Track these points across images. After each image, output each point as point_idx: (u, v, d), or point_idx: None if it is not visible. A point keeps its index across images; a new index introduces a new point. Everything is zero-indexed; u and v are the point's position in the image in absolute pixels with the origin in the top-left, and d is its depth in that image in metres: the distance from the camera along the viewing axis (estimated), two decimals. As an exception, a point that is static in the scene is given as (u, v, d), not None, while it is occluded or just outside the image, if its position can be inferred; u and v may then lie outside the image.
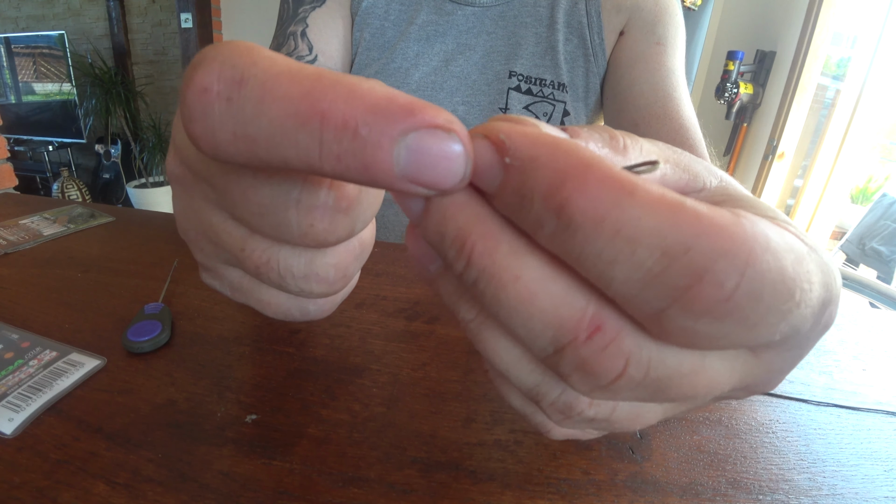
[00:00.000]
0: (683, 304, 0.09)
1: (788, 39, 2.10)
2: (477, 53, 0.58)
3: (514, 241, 0.11)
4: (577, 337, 0.11)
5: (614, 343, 0.11)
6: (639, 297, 0.10)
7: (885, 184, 2.53)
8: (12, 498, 0.21)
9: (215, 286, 0.19)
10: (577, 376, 0.11)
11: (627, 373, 0.11)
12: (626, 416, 0.14)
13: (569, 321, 0.11)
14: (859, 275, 1.07)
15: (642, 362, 0.11)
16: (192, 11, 2.83)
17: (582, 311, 0.11)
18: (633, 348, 0.11)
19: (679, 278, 0.09)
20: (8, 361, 0.28)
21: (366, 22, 0.58)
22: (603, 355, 0.11)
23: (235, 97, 0.10)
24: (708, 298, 0.09)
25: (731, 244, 0.09)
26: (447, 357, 0.31)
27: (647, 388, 0.11)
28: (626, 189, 0.09)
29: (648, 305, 0.10)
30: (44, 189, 3.17)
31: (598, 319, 0.11)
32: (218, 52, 0.11)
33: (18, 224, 0.48)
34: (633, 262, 0.09)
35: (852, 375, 0.33)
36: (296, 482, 0.22)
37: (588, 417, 0.13)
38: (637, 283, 0.09)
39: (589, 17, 0.56)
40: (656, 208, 0.09)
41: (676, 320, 0.09)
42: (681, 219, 0.09)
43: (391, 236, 0.61)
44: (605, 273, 0.10)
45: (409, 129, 0.10)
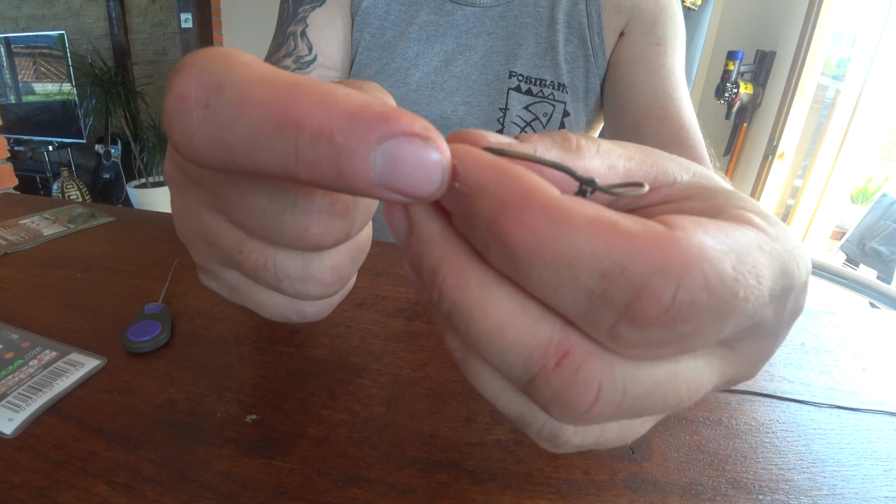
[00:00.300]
0: (630, 319, 0.10)
1: (788, 39, 2.10)
2: (477, 54, 0.58)
3: (483, 274, 0.11)
4: (546, 364, 0.11)
5: (584, 366, 0.11)
6: (588, 316, 0.10)
7: (885, 184, 2.53)
8: (12, 498, 0.21)
9: (213, 288, 0.19)
10: (554, 406, 0.11)
11: (602, 396, 0.11)
12: (615, 436, 0.14)
13: (537, 349, 0.11)
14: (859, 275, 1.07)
15: (616, 383, 0.11)
16: (192, 11, 2.83)
17: (548, 338, 0.11)
18: (603, 370, 0.11)
19: (620, 296, 0.09)
20: (8, 361, 0.28)
21: (366, 22, 0.58)
22: (575, 380, 0.11)
23: (213, 103, 0.11)
24: (649, 312, 0.09)
25: (663, 259, 0.09)
26: (447, 357, 0.31)
27: (629, 408, 0.11)
28: (563, 216, 0.10)
29: (599, 323, 0.10)
30: (44, 189, 3.17)
31: (565, 345, 0.11)
32: (196, 60, 0.11)
33: (18, 224, 0.48)
34: (576, 284, 0.10)
35: (852, 375, 0.33)
36: (296, 482, 0.22)
37: (576, 444, 0.13)
38: (584, 304, 0.10)
39: (589, 17, 0.56)
40: (590, 232, 0.09)
41: (628, 334, 0.10)
42: (614, 240, 0.09)
43: (390, 236, 0.61)
44: (553, 296, 0.10)
45: (386, 137, 0.10)
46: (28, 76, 3.11)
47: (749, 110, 2.28)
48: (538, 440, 0.14)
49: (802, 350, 0.36)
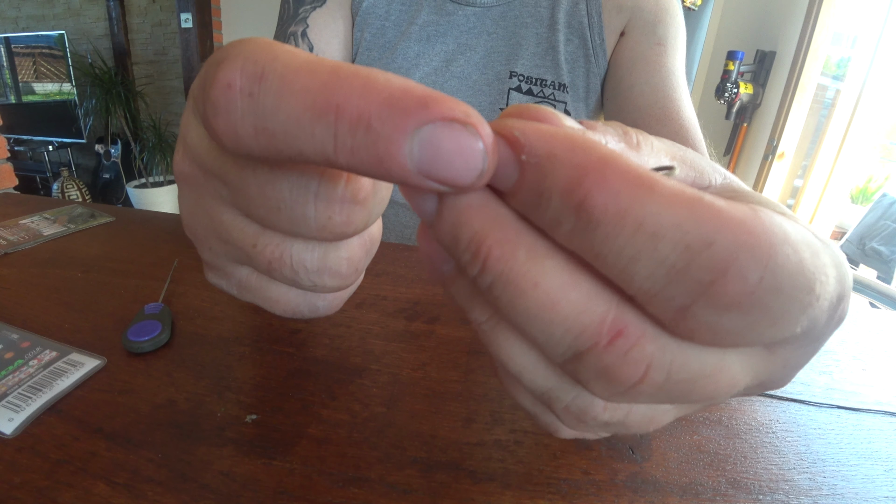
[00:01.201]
0: (708, 299, 0.09)
1: (788, 39, 2.10)
2: (478, 54, 0.58)
3: (533, 245, 0.11)
4: (598, 342, 0.10)
5: (636, 347, 0.10)
6: (662, 293, 0.09)
7: (885, 184, 2.53)
8: (12, 498, 0.21)
9: (221, 285, 0.19)
10: (596, 382, 0.11)
11: (649, 377, 0.11)
12: (640, 418, 0.14)
13: (590, 327, 0.10)
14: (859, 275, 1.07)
15: (664, 366, 0.11)
16: (192, 11, 2.83)
17: (603, 315, 0.10)
18: (655, 352, 0.10)
19: (703, 273, 0.09)
20: (8, 361, 0.28)
21: (366, 22, 0.58)
22: (625, 360, 0.10)
23: (256, 92, 0.11)
24: (733, 292, 0.09)
25: (752, 237, 0.09)
26: (447, 357, 0.31)
27: (668, 391, 0.11)
28: (646, 184, 0.09)
29: (672, 302, 0.09)
30: (44, 189, 3.17)
31: (619, 323, 0.10)
32: (241, 49, 0.11)
33: (18, 224, 0.48)
34: (656, 257, 0.09)
35: (852, 375, 0.33)
36: (296, 482, 0.22)
37: (602, 421, 0.13)
38: (660, 280, 0.09)
39: (590, 17, 0.56)
40: (677, 203, 0.09)
41: (702, 316, 0.09)
42: (701, 213, 0.09)
43: (391, 236, 0.61)
44: (627, 270, 0.10)
45: (423, 123, 0.09)
46: (28, 76, 3.11)
47: (749, 110, 2.28)
48: (563, 416, 0.14)
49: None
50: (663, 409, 0.14)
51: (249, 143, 0.11)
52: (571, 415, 0.13)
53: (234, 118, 0.11)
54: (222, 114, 0.11)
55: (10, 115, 3.07)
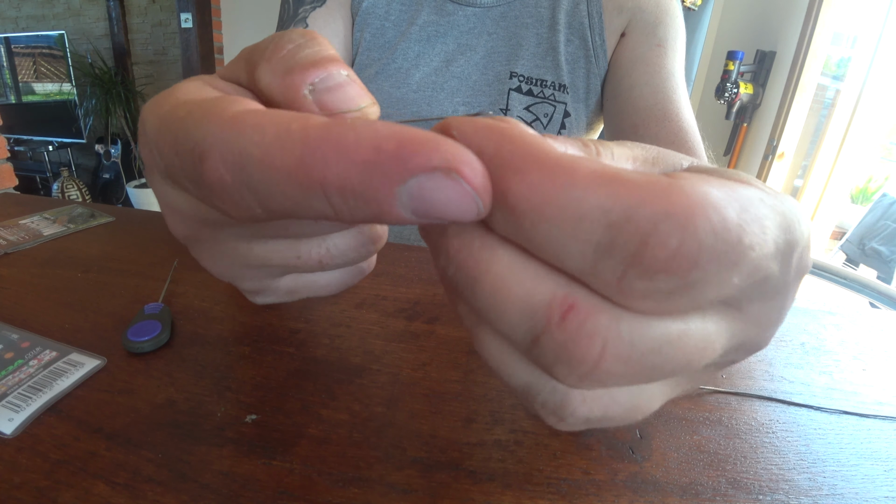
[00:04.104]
0: (637, 268, 0.10)
1: (788, 39, 2.10)
2: (478, 54, 0.58)
3: (486, 237, 0.11)
4: (550, 320, 0.11)
5: (589, 321, 0.11)
6: (595, 270, 0.10)
7: (885, 184, 2.53)
8: (12, 498, 0.21)
9: (271, 301, 0.20)
10: (559, 365, 0.11)
11: (608, 351, 0.11)
12: (623, 409, 0.13)
13: (540, 306, 0.11)
14: (859, 275, 1.07)
15: (623, 336, 0.11)
16: (192, 11, 2.83)
17: (552, 294, 0.11)
18: (609, 323, 0.11)
19: (627, 245, 0.09)
20: (8, 361, 0.28)
21: (366, 22, 0.58)
22: (579, 335, 0.11)
23: (246, 180, 0.11)
24: (658, 258, 0.09)
25: (669, 206, 0.09)
26: (447, 357, 0.31)
27: (637, 366, 0.11)
28: (566, 171, 0.10)
29: (607, 275, 0.10)
30: (44, 189, 3.17)
31: (568, 300, 0.11)
32: (214, 140, 0.11)
33: (18, 224, 0.48)
34: (582, 239, 0.10)
35: (852, 375, 0.33)
36: (296, 482, 0.22)
37: (583, 417, 0.13)
38: (591, 258, 0.10)
39: (591, 18, 0.56)
40: (595, 184, 0.09)
41: (638, 285, 0.10)
42: (620, 190, 0.09)
43: (391, 236, 0.61)
44: (559, 254, 0.10)
45: (405, 178, 0.09)
46: (28, 76, 3.11)
47: (749, 110, 2.28)
48: (544, 414, 0.14)
49: (802, 350, 0.36)
50: (647, 394, 0.13)
51: (260, 215, 0.12)
52: (549, 410, 0.13)
53: (237, 202, 0.11)
54: (226, 200, 0.11)
55: (10, 115, 3.07)
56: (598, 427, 0.14)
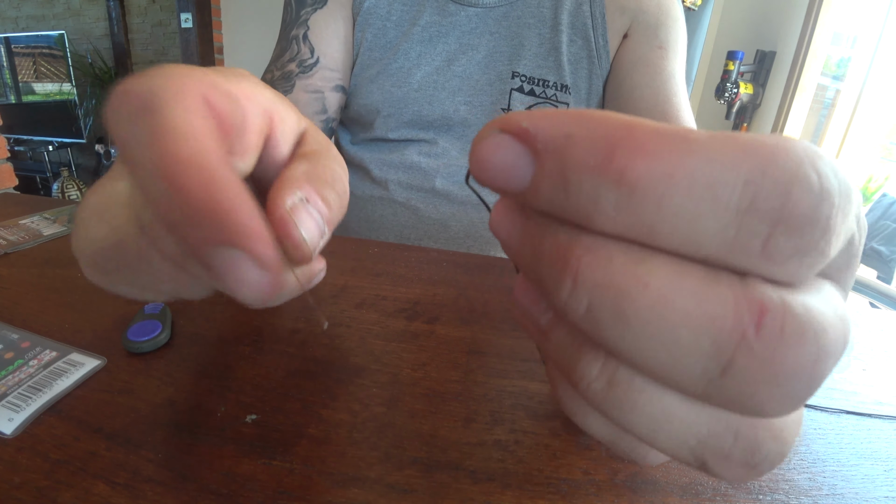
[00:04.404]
0: (784, 224, 0.08)
1: (788, 39, 2.10)
2: (480, 53, 0.58)
3: (627, 245, 0.09)
4: (745, 332, 0.09)
5: (790, 316, 0.09)
6: (739, 239, 0.09)
7: (885, 184, 2.53)
8: (12, 498, 0.21)
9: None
10: (763, 389, 0.09)
11: (822, 347, 0.09)
12: (795, 425, 0.11)
13: (725, 318, 0.09)
14: (859, 275, 1.07)
15: (815, 323, 0.09)
16: (192, 11, 2.83)
17: (734, 297, 0.09)
18: (804, 313, 0.09)
19: (770, 200, 0.08)
20: (8, 361, 0.28)
21: (368, 22, 0.58)
22: (785, 339, 0.09)
23: (138, 118, 0.13)
24: (805, 203, 0.08)
25: (795, 153, 0.09)
26: (447, 357, 0.31)
27: (827, 347, 0.09)
28: (681, 138, 0.09)
29: (752, 242, 0.09)
30: (44, 189, 3.17)
31: (755, 298, 0.09)
32: (163, 79, 0.14)
33: (18, 224, 0.48)
34: (720, 206, 0.08)
35: (852, 375, 0.33)
36: (296, 482, 0.22)
37: (776, 455, 0.11)
38: (733, 226, 0.09)
39: (594, 18, 0.56)
40: (718, 147, 0.09)
41: (783, 244, 0.09)
42: (743, 148, 0.09)
43: (391, 236, 0.61)
44: (697, 233, 0.09)
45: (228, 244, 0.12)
46: (28, 76, 3.11)
47: (749, 110, 2.28)
48: (727, 469, 0.11)
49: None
50: None
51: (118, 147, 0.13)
52: (738, 462, 0.11)
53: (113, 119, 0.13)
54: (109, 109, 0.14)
55: (10, 115, 3.07)
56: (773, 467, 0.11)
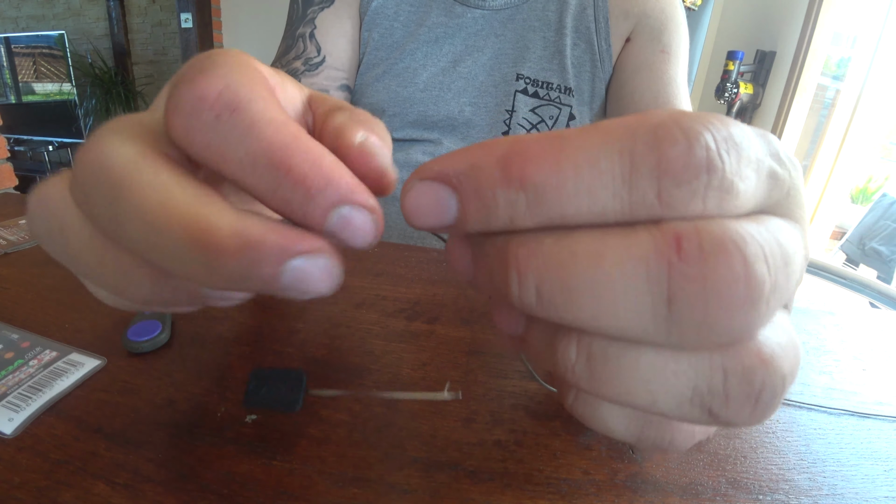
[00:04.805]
0: (669, 173, 0.10)
1: (788, 39, 2.10)
2: (485, 55, 0.58)
3: (550, 231, 0.11)
4: (669, 260, 0.10)
5: (704, 235, 0.10)
6: (637, 200, 0.10)
7: (885, 184, 2.53)
8: (12, 498, 0.21)
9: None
10: (714, 309, 0.10)
11: (746, 252, 0.10)
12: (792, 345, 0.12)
13: (648, 254, 0.10)
14: (859, 275, 1.07)
15: (737, 234, 0.10)
16: (192, 11, 2.83)
17: (651, 238, 0.10)
18: (720, 230, 0.10)
19: (646, 159, 0.10)
20: (8, 361, 0.28)
21: (375, 22, 0.58)
22: (706, 255, 0.10)
23: (224, 118, 0.12)
24: (678, 153, 0.10)
25: (656, 116, 0.10)
26: (447, 357, 0.31)
27: (773, 256, 0.10)
28: (557, 137, 0.11)
29: (648, 198, 0.10)
30: (44, 189, 3.16)
31: (669, 230, 0.10)
32: (225, 71, 0.12)
33: (18, 224, 0.48)
34: (607, 178, 0.10)
35: (852, 375, 0.33)
36: (296, 482, 0.22)
37: (770, 383, 0.11)
38: (625, 191, 0.10)
39: (597, 22, 0.57)
40: (586, 134, 0.11)
41: (676, 192, 0.10)
42: (610, 127, 0.11)
43: (391, 236, 0.61)
44: (596, 203, 0.10)
45: (342, 203, 0.12)
46: (28, 76, 3.11)
47: (749, 110, 2.28)
48: (735, 411, 0.11)
49: (802, 350, 0.36)
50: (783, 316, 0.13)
51: (196, 150, 0.12)
52: (740, 401, 0.11)
53: (193, 126, 0.12)
54: (184, 117, 0.12)
55: (10, 115, 3.07)
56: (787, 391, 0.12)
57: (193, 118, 0.12)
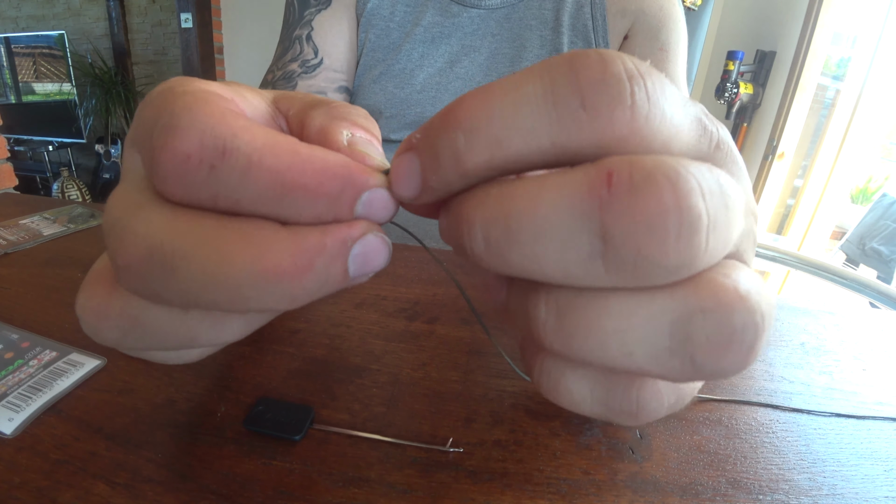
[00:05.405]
0: (588, 80, 0.11)
1: (788, 39, 2.10)
2: (482, 55, 0.58)
3: (489, 182, 0.12)
4: (600, 195, 0.10)
5: (635, 168, 0.10)
6: (563, 112, 0.11)
7: (885, 184, 2.53)
8: (12, 498, 0.21)
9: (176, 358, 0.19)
10: (650, 241, 0.10)
11: (677, 187, 0.10)
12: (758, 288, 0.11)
13: (580, 192, 0.10)
14: (859, 275, 1.07)
15: (667, 166, 0.10)
16: (192, 11, 2.83)
17: (584, 175, 0.10)
18: (651, 163, 0.10)
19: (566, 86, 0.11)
20: (8, 361, 0.28)
21: (371, 23, 0.58)
22: (636, 187, 0.10)
23: (219, 166, 0.12)
24: (593, 70, 0.11)
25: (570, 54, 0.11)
26: (447, 357, 0.31)
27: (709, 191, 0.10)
28: (485, 85, 0.12)
29: (573, 105, 0.11)
30: (44, 189, 3.17)
31: (601, 167, 0.10)
32: (194, 118, 0.12)
33: (18, 224, 0.48)
34: (531, 98, 0.11)
35: (852, 375, 0.33)
36: (296, 482, 0.22)
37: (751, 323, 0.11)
38: (549, 106, 0.11)
39: (594, 20, 0.56)
40: (512, 74, 0.12)
41: (600, 100, 0.11)
42: (531, 66, 0.12)
43: (392, 236, 0.61)
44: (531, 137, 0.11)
45: (361, 192, 0.13)
46: (28, 76, 3.11)
47: (749, 110, 2.28)
48: (722, 356, 0.11)
49: (802, 350, 0.36)
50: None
51: (206, 204, 0.12)
52: (723, 344, 0.11)
53: (192, 187, 0.12)
54: (178, 183, 0.12)
55: (10, 115, 3.07)
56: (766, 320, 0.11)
57: (188, 180, 0.12)
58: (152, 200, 0.13)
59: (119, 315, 0.14)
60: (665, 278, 0.10)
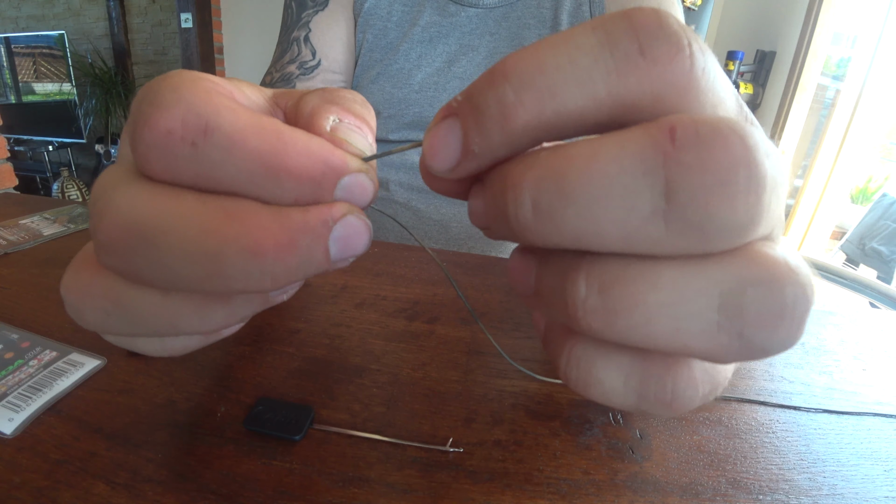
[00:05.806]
0: (645, 29, 0.10)
1: (788, 39, 2.10)
2: (480, 55, 0.58)
3: (551, 146, 0.12)
4: (664, 150, 0.09)
5: (700, 123, 0.10)
6: (620, 56, 0.11)
7: (885, 184, 2.53)
8: (12, 498, 0.21)
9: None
10: (716, 197, 0.09)
11: (749, 132, 0.09)
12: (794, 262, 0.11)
13: (643, 149, 0.10)
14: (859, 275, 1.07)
15: (732, 122, 0.10)
16: (192, 11, 2.83)
17: (645, 132, 0.10)
18: (715, 119, 0.10)
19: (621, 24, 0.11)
20: (8, 361, 0.28)
21: (368, 23, 0.58)
22: (702, 140, 0.09)
23: (201, 143, 0.11)
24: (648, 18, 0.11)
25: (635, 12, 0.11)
26: (447, 357, 0.31)
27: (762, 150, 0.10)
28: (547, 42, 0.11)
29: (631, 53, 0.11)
30: (44, 189, 3.17)
31: (663, 123, 0.10)
32: (179, 95, 0.12)
33: (18, 224, 0.48)
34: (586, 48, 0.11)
35: (852, 375, 0.33)
36: (296, 482, 0.22)
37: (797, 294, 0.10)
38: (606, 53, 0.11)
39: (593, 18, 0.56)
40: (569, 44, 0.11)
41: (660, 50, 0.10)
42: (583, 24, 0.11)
43: (391, 236, 0.61)
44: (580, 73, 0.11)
45: (341, 176, 0.13)
46: (28, 76, 3.11)
47: (749, 110, 2.28)
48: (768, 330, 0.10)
49: (802, 350, 0.36)
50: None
51: (186, 182, 0.12)
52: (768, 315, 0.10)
53: (173, 163, 0.12)
54: (159, 158, 0.12)
55: (10, 115, 3.07)
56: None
57: (169, 155, 0.11)
58: (135, 178, 0.13)
59: (102, 296, 0.14)
60: (726, 240, 0.10)
